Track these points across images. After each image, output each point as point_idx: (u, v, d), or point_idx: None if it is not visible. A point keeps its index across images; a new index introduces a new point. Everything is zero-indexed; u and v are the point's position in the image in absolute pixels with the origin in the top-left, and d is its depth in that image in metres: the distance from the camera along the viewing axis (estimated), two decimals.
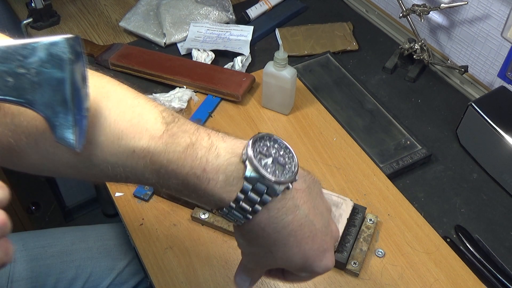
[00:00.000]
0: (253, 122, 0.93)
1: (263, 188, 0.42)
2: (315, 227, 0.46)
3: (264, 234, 0.45)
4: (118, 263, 0.89)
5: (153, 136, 0.42)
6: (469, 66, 0.98)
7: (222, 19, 1.14)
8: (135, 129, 0.42)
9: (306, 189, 0.46)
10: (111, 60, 1.03)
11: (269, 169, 0.42)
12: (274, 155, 0.44)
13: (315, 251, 0.47)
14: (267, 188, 0.42)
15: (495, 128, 0.83)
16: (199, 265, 0.73)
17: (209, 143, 0.43)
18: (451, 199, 0.83)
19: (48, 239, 0.91)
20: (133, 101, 0.44)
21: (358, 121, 0.94)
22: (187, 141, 0.42)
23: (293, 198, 0.44)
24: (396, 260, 0.74)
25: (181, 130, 0.43)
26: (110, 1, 1.24)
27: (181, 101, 0.94)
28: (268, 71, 0.90)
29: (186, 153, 0.42)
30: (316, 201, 0.47)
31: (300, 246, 0.46)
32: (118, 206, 0.80)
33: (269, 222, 0.44)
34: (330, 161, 0.87)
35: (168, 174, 0.43)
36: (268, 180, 0.42)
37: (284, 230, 0.44)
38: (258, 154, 0.43)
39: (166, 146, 0.42)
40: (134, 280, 0.90)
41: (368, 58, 1.10)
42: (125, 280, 0.89)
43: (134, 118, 0.43)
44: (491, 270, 0.73)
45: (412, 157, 0.87)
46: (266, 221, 0.44)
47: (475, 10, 0.94)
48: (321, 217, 0.47)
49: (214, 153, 0.42)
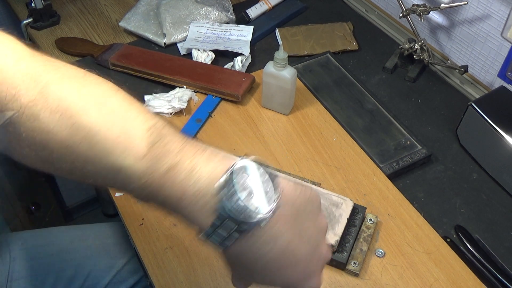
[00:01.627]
0: (253, 122, 0.93)
1: (233, 225, 0.41)
2: (299, 253, 0.45)
3: (242, 259, 0.44)
4: (117, 262, 0.90)
5: (137, 157, 0.42)
6: (469, 66, 0.98)
7: (222, 19, 1.14)
8: (122, 146, 0.42)
9: (293, 214, 0.44)
10: (111, 60, 1.03)
11: (244, 203, 0.41)
12: (253, 187, 0.41)
13: (297, 277, 0.46)
14: (237, 225, 0.41)
15: (495, 128, 0.83)
16: (199, 265, 0.73)
17: (191, 165, 0.42)
18: (451, 199, 0.83)
19: (47, 238, 0.91)
20: (124, 114, 0.43)
21: (358, 121, 0.94)
22: (168, 163, 0.42)
23: (272, 228, 0.42)
24: (396, 260, 0.74)
25: (165, 150, 0.42)
26: (110, 1, 1.24)
27: (181, 101, 0.94)
28: (268, 71, 0.90)
29: (166, 176, 0.42)
30: (304, 224, 0.45)
31: (281, 273, 0.45)
32: (118, 206, 0.80)
33: (246, 250, 0.43)
34: (330, 161, 0.87)
35: (148, 194, 0.43)
36: (237, 220, 0.41)
37: (263, 259, 0.43)
38: (232, 188, 0.41)
39: (147, 169, 0.42)
40: (133, 278, 0.90)
41: (368, 58, 1.10)
42: (124, 279, 0.90)
43: (121, 134, 0.42)
44: (491, 270, 0.73)
45: (412, 157, 0.87)
46: (244, 249, 0.43)
47: (475, 10, 0.94)
48: (308, 242, 0.45)
49: (195, 177, 0.41)
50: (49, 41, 1.12)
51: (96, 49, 1.06)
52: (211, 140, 0.90)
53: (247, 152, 0.87)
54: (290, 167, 0.85)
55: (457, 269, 0.73)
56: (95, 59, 1.05)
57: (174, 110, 0.93)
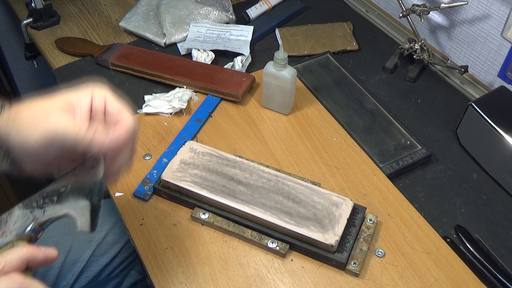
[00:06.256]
0: (253, 122, 0.93)
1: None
2: None
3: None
4: (96, 235, 0.92)
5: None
6: (469, 66, 0.98)
7: (222, 19, 1.14)
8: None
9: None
10: (111, 60, 1.03)
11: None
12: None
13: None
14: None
15: (495, 128, 0.83)
16: (199, 265, 0.73)
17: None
18: (451, 199, 0.83)
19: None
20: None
21: (358, 121, 0.94)
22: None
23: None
24: (396, 260, 0.74)
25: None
26: (110, 1, 1.24)
27: (181, 101, 0.94)
28: (268, 71, 0.90)
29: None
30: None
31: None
32: (118, 206, 0.80)
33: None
34: (330, 161, 0.87)
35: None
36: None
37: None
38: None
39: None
40: (114, 249, 0.93)
41: (368, 58, 1.10)
42: (105, 251, 0.92)
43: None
44: (491, 270, 0.73)
45: (412, 157, 0.87)
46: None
47: (475, 10, 0.94)
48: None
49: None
50: (49, 41, 1.12)
51: (96, 49, 1.07)
52: (211, 140, 0.90)
53: (247, 152, 0.88)
54: (290, 167, 0.85)
55: (457, 269, 0.73)
56: (95, 59, 1.05)
57: (174, 110, 0.93)
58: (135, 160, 0.85)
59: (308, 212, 0.74)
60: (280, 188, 0.77)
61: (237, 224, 0.76)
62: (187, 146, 0.82)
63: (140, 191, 0.81)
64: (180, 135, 0.90)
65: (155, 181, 0.81)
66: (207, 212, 0.77)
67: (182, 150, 0.82)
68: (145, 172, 0.84)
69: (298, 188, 0.77)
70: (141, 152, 0.87)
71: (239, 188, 0.77)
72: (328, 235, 0.71)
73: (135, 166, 0.85)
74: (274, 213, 0.73)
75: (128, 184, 0.82)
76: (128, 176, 0.83)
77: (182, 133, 0.90)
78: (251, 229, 0.75)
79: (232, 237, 0.76)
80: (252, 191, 0.76)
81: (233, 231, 0.75)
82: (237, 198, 0.75)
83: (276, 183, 0.77)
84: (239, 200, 0.75)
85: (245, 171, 0.79)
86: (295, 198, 0.75)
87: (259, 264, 0.73)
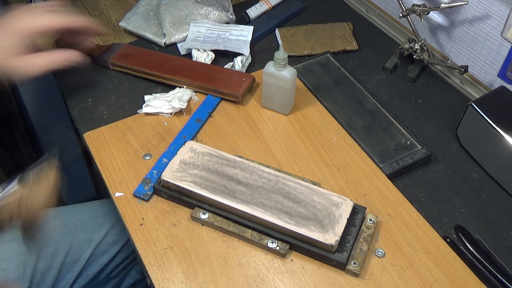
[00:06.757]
0: (253, 122, 0.93)
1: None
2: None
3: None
4: (95, 235, 0.93)
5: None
6: (469, 66, 0.98)
7: (222, 19, 1.14)
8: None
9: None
10: (111, 60, 1.03)
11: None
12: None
13: None
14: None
15: (495, 128, 0.83)
16: (199, 265, 0.73)
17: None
18: (451, 199, 0.83)
19: None
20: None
21: (358, 121, 0.94)
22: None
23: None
24: (396, 260, 0.74)
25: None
26: (110, 1, 1.24)
27: (181, 101, 0.94)
28: (268, 71, 0.90)
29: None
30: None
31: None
32: (118, 206, 0.80)
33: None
34: (330, 161, 0.87)
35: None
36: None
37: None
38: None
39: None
40: (114, 249, 0.94)
41: (368, 58, 1.10)
42: (105, 251, 0.93)
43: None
44: (491, 270, 0.73)
45: (412, 157, 0.87)
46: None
47: (475, 10, 0.94)
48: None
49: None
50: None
51: (96, 49, 1.06)
52: (211, 140, 0.90)
53: (247, 152, 0.88)
54: (290, 167, 0.85)
55: (457, 269, 0.73)
56: (95, 59, 1.05)
57: (174, 110, 0.93)
58: (135, 160, 0.86)
59: (308, 212, 0.74)
60: (280, 188, 0.77)
61: (237, 224, 0.76)
62: (187, 146, 0.82)
63: (140, 191, 0.81)
64: (180, 135, 0.90)
65: (155, 181, 0.81)
66: (207, 212, 0.77)
67: (182, 150, 0.82)
68: (145, 172, 0.84)
69: (298, 188, 0.77)
70: (141, 152, 0.87)
71: (239, 188, 0.77)
72: (328, 235, 0.71)
73: (135, 166, 0.85)
74: (274, 213, 0.74)
75: (128, 184, 0.82)
76: (128, 176, 0.83)
77: (182, 133, 0.90)
78: (251, 229, 0.75)
79: (232, 237, 0.76)
80: (252, 191, 0.76)
81: (233, 231, 0.75)
82: (237, 198, 0.75)
83: (276, 183, 0.77)
84: (239, 200, 0.75)
85: (245, 171, 0.79)
86: (295, 198, 0.75)
87: (259, 264, 0.73)
